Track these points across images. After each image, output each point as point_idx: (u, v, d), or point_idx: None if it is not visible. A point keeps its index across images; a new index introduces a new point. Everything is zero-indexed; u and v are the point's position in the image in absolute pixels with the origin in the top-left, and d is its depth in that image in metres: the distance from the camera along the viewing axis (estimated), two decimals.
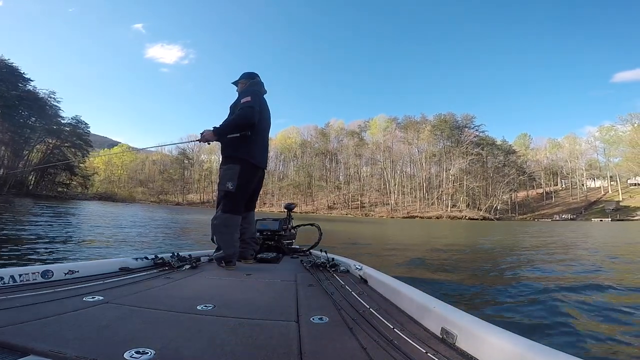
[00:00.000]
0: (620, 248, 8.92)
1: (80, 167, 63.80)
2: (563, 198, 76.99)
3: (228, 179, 2.37)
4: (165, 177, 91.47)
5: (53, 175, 61.04)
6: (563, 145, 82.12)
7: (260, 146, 2.50)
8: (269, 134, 2.73)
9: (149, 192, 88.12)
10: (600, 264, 5.60)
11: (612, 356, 1.93)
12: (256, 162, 2.46)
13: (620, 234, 16.34)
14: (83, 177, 66.16)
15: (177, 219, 17.49)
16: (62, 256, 4.47)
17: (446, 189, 72.37)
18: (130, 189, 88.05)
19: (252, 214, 2.69)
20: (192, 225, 13.41)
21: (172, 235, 8.79)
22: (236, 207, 2.39)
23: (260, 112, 2.44)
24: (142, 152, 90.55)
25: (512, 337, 0.78)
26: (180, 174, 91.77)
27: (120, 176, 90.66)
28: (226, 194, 2.37)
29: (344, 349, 0.89)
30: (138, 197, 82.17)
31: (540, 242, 10.52)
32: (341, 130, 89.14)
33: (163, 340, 0.88)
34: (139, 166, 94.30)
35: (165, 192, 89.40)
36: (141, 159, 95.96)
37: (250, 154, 2.40)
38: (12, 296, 1.21)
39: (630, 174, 67.22)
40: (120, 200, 69.64)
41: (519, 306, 2.94)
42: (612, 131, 71.80)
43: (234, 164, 2.39)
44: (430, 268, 4.98)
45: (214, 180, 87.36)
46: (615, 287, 3.66)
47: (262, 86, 2.67)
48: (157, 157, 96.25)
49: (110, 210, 21.37)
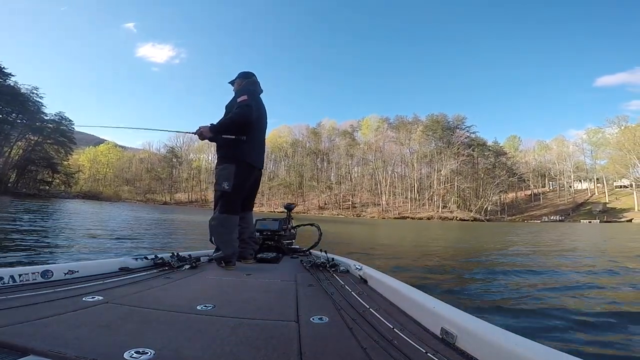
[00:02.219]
0: (623, 249, 8.60)
1: (63, 164, 61.89)
2: (551, 200, 78.02)
3: (224, 179, 2.37)
4: (153, 175, 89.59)
5: (34, 172, 58.98)
6: (551, 148, 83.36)
7: (256, 145, 2.49)
8: (265, 134, 2.70)
9: (135, 191, 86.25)
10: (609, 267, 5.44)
11: (612, 356, 1.92)
12: (252, 162, 2.45)
13: (617, 235, 16.21)
14: (66, 175, 64.14)
15: (160, 220, 16.53)
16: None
17: (437, 189, 72.44)
18: (116, 187, 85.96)
19: (250, 214, 2.68)
20: (179, 228, 12.54)
21: (149, 241, 7.94)
22: (233, 207, 2.38)
23: (257, 110, 2.46)
24: (129, 150, 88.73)
25: (512, 337, 0.78)
26: (168, 172, 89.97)
27: (106, 174, 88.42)
28: (222, 194, 2.37)
29: (344, 349, 0.89)
30: (124, 196, 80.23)
31: (542, 243, 10.17)
32: (333, 130, 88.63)
33: (163, 340, 0.88)
34: (125, 164, 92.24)
35: (153, 191, 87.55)
36: (128, 157, 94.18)
37: (246, 153, 2.40)
38: (12, 296, 1.21)
39: (616, 176, 68.59)
40: (105, 199, 67.80)
41: (519, 306, 2.95)
42: (600, 133, 73.27)
43: (230, 164, 2.39)
44: (427, 270, 4.98)
45: (202, 179, 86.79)
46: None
47: (258, 85, 2.68)
48: (145, 155, 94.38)
49: (85, 209, 20.24)
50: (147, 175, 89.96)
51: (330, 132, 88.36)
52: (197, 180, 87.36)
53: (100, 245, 5.89)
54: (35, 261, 3.91)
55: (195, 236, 9.04)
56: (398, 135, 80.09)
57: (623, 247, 9.46)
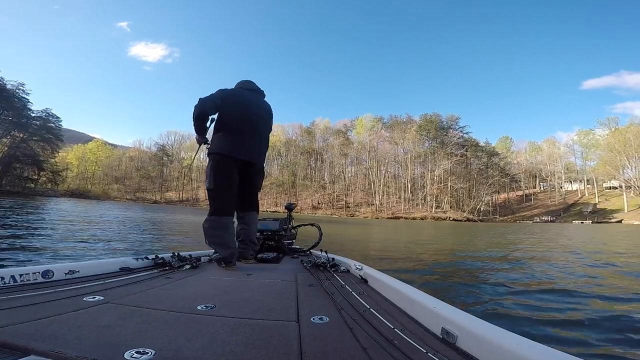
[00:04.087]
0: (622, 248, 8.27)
1: (49, 162, 60.34)
2: (542, 200, 78.73)
3: (206, 177, 2.35)
4: (143, 174, 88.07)
5: (19, 169, 57.28)
6: (542, 149, 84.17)
7: (231, 136, 2.38)
8: (256, 126, 2.52)
9: (124, 190, 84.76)
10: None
11: (612, 356, 1.92)
12: (227, 152, 2.33)
13: (612, 236, 16.05)
14: (53, 173, 62.48)
15: (144, 221, 15.79)
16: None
17: (431, 190, 72.42)
18: (104, 185, 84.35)
19: (251, 214, 2.56)
20: (160, 231, 11.84)
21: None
22: (220, 205, 2.31)
23: (222, 100, 2.36)
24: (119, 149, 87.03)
25: (513, 337, 0.78)
26: (159, 171, 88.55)
27: (95, 172, 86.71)
28: (207, 193, 2.36)
29: (344, 349, 0.89)
30: (113, 195, 78.70)
31: (541, 244, 9.80)
32: (327, 129, 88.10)
33: (163, 340, 0.88)
34: (115, 162, 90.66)
35: (143, 190, 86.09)
36: (118, 155, 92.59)
37: (220, 145, 2.33)
38: (12, 296, 1.22)
39: (606, 177, 69.51)
40: (93, 198, 66.42)
41: (520, 306, 2.92)
42: (590, 135, 74.30)
43: (208, 161, 2.37)
44: (427, 271, 4.96)
45: (193, 178, 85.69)
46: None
47: (240, 85, 2.61)
48: (135, 154, 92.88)
49: (63, 209, 19.34)
50: (137, 174, 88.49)
51: (324, 131, 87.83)
52: (189, 178, 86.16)
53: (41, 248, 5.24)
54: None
55: (179, 238, 8.39)
56: (392, 134, 79.91)
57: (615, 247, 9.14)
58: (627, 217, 56.74)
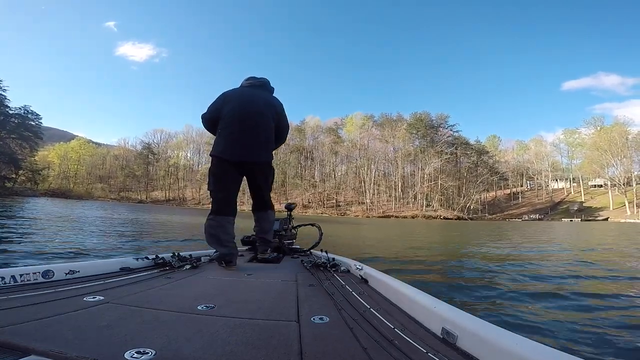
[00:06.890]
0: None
1: (28, 160, 58.12)
2: (529, 199, 79.90)
3: (208, 179, 2.43)
4: (127, 173, 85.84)
5: None
6: (529, 147, 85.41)
7: (225, 137, 2.38)
8: (254, 122, 2.45)
9: (109, 189, 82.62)
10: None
11: (611, 356, 1.90)
12: (222, 155, 2.36)
13: (607, 233, 15.93)
14: (32, 172, 60.27)
15: (126, 222, 14.74)
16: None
17: (421, 188, 72.55)
18: (88, 185, 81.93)
19: (258, 214, 2.63)
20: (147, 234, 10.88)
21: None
22: (219, 206, 2.36)
23: (223, 102, 2.45)
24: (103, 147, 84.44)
25: (513, 337, 0.78)
26: (144, 169, 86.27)
27: (78, 171, 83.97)
28: (210, 195, 2.43)
29: (345, 349, 0.89)
30: (97, 194, 76.56)
31: (543, 244, 9.38)
32: (317, 127, 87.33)
33: (163, 340, 0.88)
34: (98, 161, 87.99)
35: (128, 189, 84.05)
36: (102, 154, 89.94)
37: (217, 148, 2.38)
38: (12, 296, 1.22)
39: (592, 175, 70.97)
40: (75, 197, 64.11)
41: (520, 306, 2.89)
42: (576, 134, 75.77)
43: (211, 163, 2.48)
44: (426, 271, 4.88)
45: (180, 177, 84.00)
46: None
47: (242, 83, 2.67)
48: (119, 152, 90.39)
49: (38, 209, 18.09)
50: (122, 173, 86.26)
51: (314, 129, 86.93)
52: (175, 178, 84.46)
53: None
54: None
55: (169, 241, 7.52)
56: (383, 132, 79.68)
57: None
58: (613, 214, 57.98)
